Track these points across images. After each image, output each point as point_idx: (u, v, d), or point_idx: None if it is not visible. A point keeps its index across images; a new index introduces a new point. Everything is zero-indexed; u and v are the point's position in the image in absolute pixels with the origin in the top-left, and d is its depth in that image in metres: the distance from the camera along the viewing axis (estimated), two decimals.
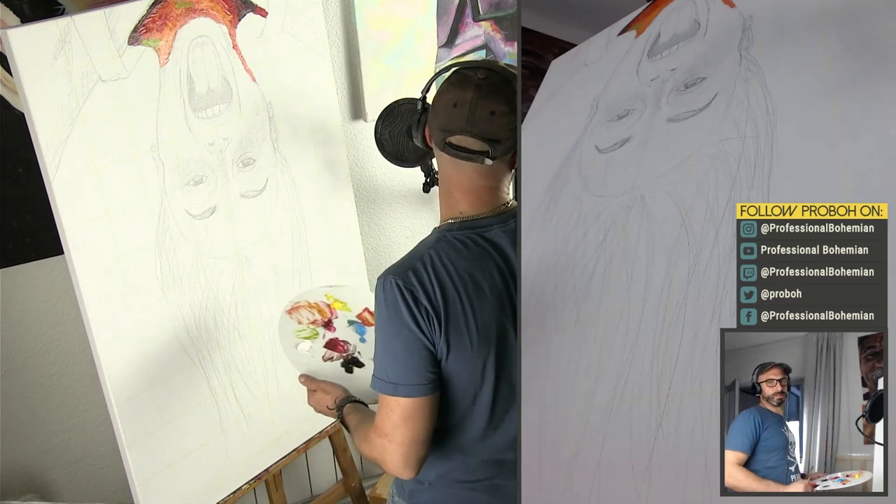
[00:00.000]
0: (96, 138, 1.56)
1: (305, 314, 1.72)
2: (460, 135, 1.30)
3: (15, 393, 1.95)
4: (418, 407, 1.29)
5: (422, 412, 1.30)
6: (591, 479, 1.03)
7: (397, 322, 1.29)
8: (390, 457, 1.31)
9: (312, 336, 1.71)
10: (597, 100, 1.46)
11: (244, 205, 1.84)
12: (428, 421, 1.31)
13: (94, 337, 1.59)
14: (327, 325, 1.72)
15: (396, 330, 1.29)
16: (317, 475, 2.44)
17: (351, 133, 2.25)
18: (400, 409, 1.29)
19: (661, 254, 1.09)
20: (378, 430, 1.32)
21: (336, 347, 1.71)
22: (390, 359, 1.30)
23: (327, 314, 1.72)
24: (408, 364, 1.29)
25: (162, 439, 1.73)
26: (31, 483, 2.04)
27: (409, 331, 1.28)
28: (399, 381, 1.29)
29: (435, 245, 1.33)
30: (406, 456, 1.30)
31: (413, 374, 1.29)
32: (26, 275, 1.88)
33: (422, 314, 1.28)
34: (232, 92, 1.78)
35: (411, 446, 1.30)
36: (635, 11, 1.52)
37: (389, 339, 1.30)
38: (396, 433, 1.30)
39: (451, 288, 1.30)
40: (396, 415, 1.29)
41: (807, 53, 1.08)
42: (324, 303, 1.73)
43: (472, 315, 1.31)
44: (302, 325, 1.71)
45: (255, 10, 1.81)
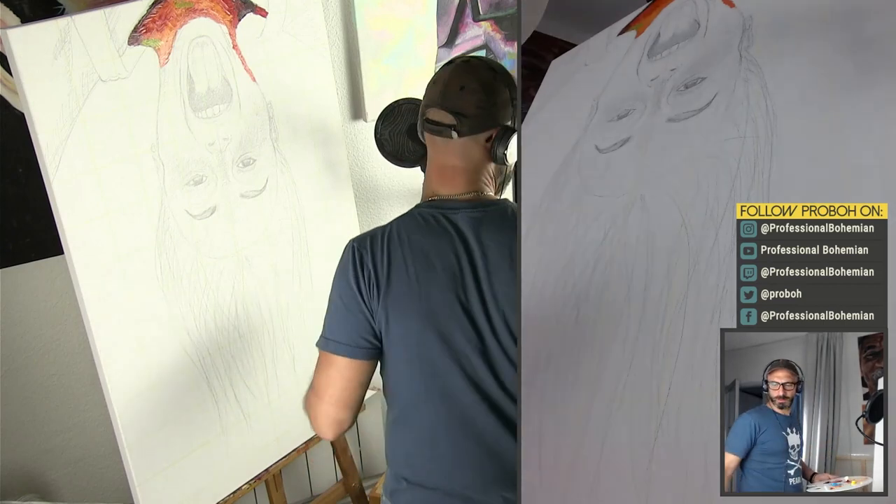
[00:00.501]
0: (96, 138, 1.56)
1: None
2: (433, 108, 1.38)
3: (15, 393, 1.95)
4: (346, 367, 1.33)
5: (349, 373, 1.33)
6: (591, 479, 1.03)
7: (342, 281, 1.34)
8: (315, 413, 1.36)
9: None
10: (597, 100, 1.46)
11: (244, 205, 1.84)
12: (355, 384, 1.34)
13: (94, 337, 1.59)
14: None
15: (340, 288, 1.35)
16: (317, 475, 2.44)
17: (351, 133, 2.25)
18: (328, 365, 1.34)
19: (661, 254, 1.09)
20: (312, 386, 1.38)
21: None
22: (331, 316, 1.36)
23: None
24: (343, 322, 1.34)
25: (162, 439, 1.73)
26: (31, 483, 2.04)
27: (349, 291, 1.33)
28: (331, 338, 1.34)
29: (400, 218, 1.40)
30: (327, 414, 1.34)
31: (345, 334, 1.33)
32: (26, 275, 1.88)
33: (364, 278, 1.32)
34: (232, 92, 1.78)
35: (334, 405, 1.34)
36: (635, 11, 1.52)
37: (334, 297, 1.36)
38: (323, 390, 1.34)
39: (399, 260, 1.33)
40: (325, 371, 1.34)
41: (807, 53, 1.08)
42: None
43: (419, 290, 1.32)
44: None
45: (255, 10, 1.81)
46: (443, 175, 1.40)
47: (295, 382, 2.00)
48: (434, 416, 1.36)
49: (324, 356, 1.35)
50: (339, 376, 1.34)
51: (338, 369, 1.33)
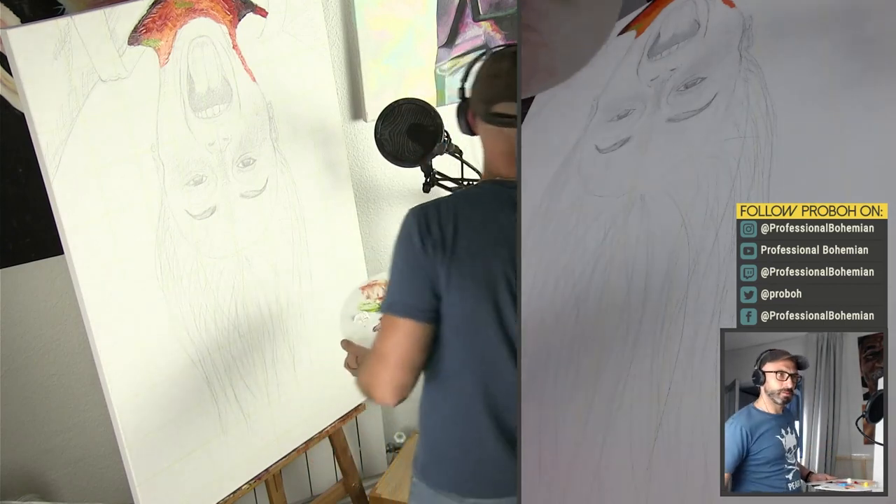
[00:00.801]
0: (96, 138, 1.56)
1: (378, 291, 1.85)
2: (501, 102, 1.39)
3: (15, 393, 1.95)
4: (413, 330, 1.34)
5: (415, 336, 1.34)
6: (591, 479, 1.03)
7: (407, 245, 1.36)
8: (377, 378, 1.36)
9: (374, 309, 1.83)
10: (597, 100, 1.46)
11: (244, 205, 1.84)
12: (419, 347, 1.35)
13: (94, 337, 1.59)
14: None
15: (405, 253, 1.36)
16: (317, 475, 2.44)
17: (351, 133, 2.25)
18: (393, 328, 1.35)
19: (661, 254, 1.09)
20: (373, 350, 1.38)
21: None
22: (395, 280, 1.37)
23: None
24: (409, 285, 1.35)
25: (162, 439, 1.73)
26: (31, 483, 2.04)
27: (414, 254, 1.35)
28: (396, 300, 1.35)
29: (464, 191, 1.44)
30: (392, 378, 1.35)
31: (412, 297, 1.34)
32: (26, 275, 1.88)
33: (429, 242, 1.34)
34: (232, 92, 1.78)
35: (400, 368, 1.34)
36: (635, 11, 1.52)
37: (398, 263, 1.37)
38: (387, 353, 1.35)
39: (464, 228, 1.35)
40: (390, 334, 1.35)
41: (807, 53, 1.08)
42: None
43: (480, 259, 1.35)
44: (369, 301, 1.82)
45: (255, 10, 1.81)
46: (508, 161, 1.44)
47: (295, 382, 2.00)
48: (473, 385, 1.38)
49: (389, 321, 1.36)
50: (405, 339, 1.35)
51: (404, 332, 1.34)
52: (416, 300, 1.35)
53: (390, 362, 1.35)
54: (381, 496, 2.27)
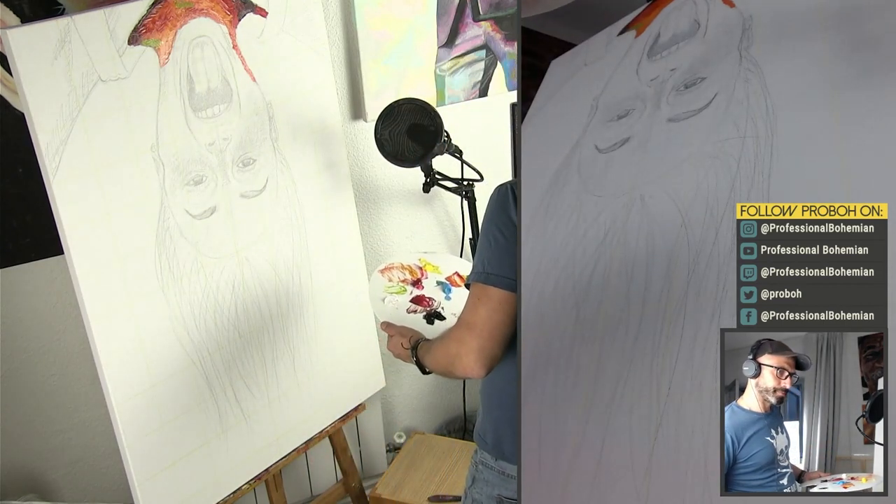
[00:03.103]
0: (96, 138, 1.56)
1: (397, 273, 1.86)
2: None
3: (15, 393, 1.95)
4: (504, 300, 1.34)
5: (506, 307, 1.34)
6: (591, 479, 1.03)
7: (503, 216, 1.37)
8: (466, 347, 1.34)
9: (400, 292, 1.84)
10: (597, 100, 1.46)
11: (244, 205, 1.84)
12: (509, 319, 1.34)
13: (94, 337, 1.59)
14: (416, 283, 1.84)
15: (502, 224, 1.37)
16: (317, 475, 2.44)
17: (351, 133, 2.25)
18: (486, 297, 1.34)
19: (661, 254, 1.09)
20: (461, 321, 1.37)
21: (421, 302, 1.82)
22: (490, 251, 1.37)
23: (417, 274, 1.86)
24: (505, 256, 1.35)
25: (162, 439, 1.73)
26: (31, 483, 2.04)
27: (511, 226, 1.35)
28: (491, 271, 1.35)
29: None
30: (482, 347, 1.33)
31: (506, 268, 1.34)
32: (26, 275, 1.88)
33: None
34: (232, 92, 1.78)
35: (489, 339, 1.33)
36: (635, 11, 1.52)
37: (493, 233, 1.37)
38: (478, 322, 1.34)
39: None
40: (482, 303, 1.34)
41: (807, 53, 1.08)
42: (416, 265, 1.87)
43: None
44: (392, 283, 1.83)
45: (255, 11, 1.81)
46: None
47: (295, 382, 2.00)
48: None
49: (482, 290, 1.35)
50: (500, 310, 1.34)
51: (499, 302, 1.34)
52: (511, 271, 1.34)
53: (484, 332, 1.34)
54: (381, 496, 2.27)
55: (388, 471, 2.37)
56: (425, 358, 1.48)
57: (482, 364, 1.34)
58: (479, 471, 1.51)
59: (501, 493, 1.48)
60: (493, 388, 1.45)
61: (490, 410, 1.47)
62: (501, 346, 1.35)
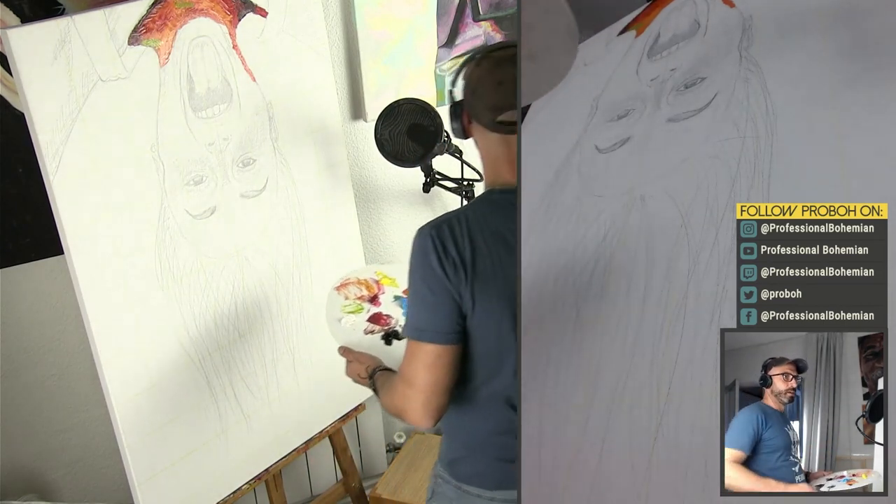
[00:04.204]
0: (96, 138, 1.56)
1: (353, 290, 1.80)
2: (509, 111, 1.35)
3: (15, 393, 1.95)
4: (440, 354, 1.33)
5: (443, 360, 1.34)
6: (591, 479, 1.03)
7: (427, 270, 1.34)
8: (411, 403, 1.35)
9: (357, 310, 1.78)
10: (597, 100, 1.46)
11: (244, 205, 1.84)
12: (449, 370, 1.35)
13: (94, 337, 1.59)
14: (373, 300, 1.78)
15: (425, 277, 1.34)
16: (317, 475, 2.44)
17: (351, 133, 2.25)
18: (423, 354, 1.34)
19: (661, 254, 1.09)
20: (402, 376, 1.37)
21: (378, 321, 1.76)
22: (418, 306, 1.36)
23: (374, 289, 1.80)
24: (434, 310, 1.34)
25: (162, 439, 1.73)
26: (31, 483, 2.04)
27: (437, 279, 1.33)
28: (424, 328, 1.34)
29: (474, 205, 1.40)
30: (426, 402, 1.34)
31: (438, 321, 1.33)
32: (26, 275, 1.88)
33: (450, 264, 1.32)
34: (232, 92, 1.78)
35: (432, 394, 1.34)
36: (635, 11, 1.52)
37: (419, 287, 1.36)
38: (418, 379, 1.34)
39: (481, 244, 1.34)
40: (419, 360, 1.34)
41: (807, 53, 1.08)
42: (373, 279, 1.81)
43: (501, 272, 1.35)
44: (349, 301, 1.78)
45: (255, 10, 1.81)
46: (512, 166, 1.41)
47: (295, 382, 2.00)
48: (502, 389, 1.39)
49: (418, 347, 1.34)
50: (437, 364, 1.34)
51: (436, 357, 1.33)
52: (443, 324, 1.34)
53: (423, 388, 1.34)
54: (381, 496, 2.27)
55: (388, 471, 2.37)
56: (380, 392, 1.48)
57: (428, 417, 1.36)
58: (438, 484, 1.52)
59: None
60: (448, 416, 1.46)
61: (448, 432, 1.49)
62: (445, 396, 1.36)
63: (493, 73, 1.36)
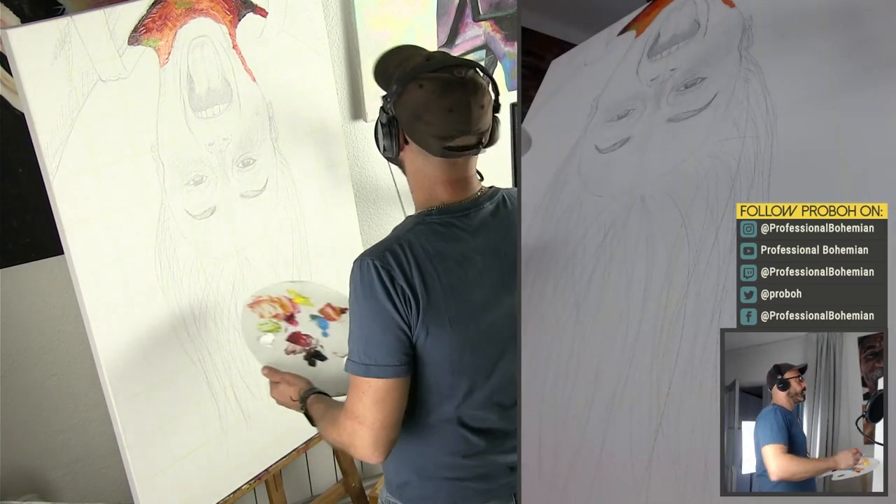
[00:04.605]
0: (96, 138, 1.56)
1: (267, 308, 1.70)
2: (462, 136, 1.32)
3: (15, 393, 1.95)
4: (390, 388, 1.30)
5: (394, 394, 1.30)
6: (591, 479, 1.03)
7: (373, 302, 1.29)
8: (360, 440, 1.31)
9: (274, 329, 1.69)
10: (597, 100, 1.46)
11: (244, 205, 1.84)
12: (399, 403, 1.31)
13: (94, 337, 1.59)
14: (289, 319, 1.70)
15: (372, 310, 1.29)
16: (317, 475, 2.44)
17: (351, 133, 2.25)
18: (372, 390, 1.29)
19: (661, 254, 1.09)
20: (349, 412, 1.32)
21: (298, 341, 1.69)
22: (364, 340, 1.30)
23: (289, 308, 1.71)
24: (382, 345, 1.29)
25: (162, 439, 1.73)
26: (31, 483, 2.04)
27: (385, 312, 1.28)
28: (372, 363, 1.29)
29: (413, 229, 1.35)
30: (376, 439, 1.31)
31: (387, 356, 1.29)
32: (26, 275, 1.88)
33: (398, 295, 1.28)
34: (232, 92, 1.78)
35: (382, 429, 1.30)
36: (635, 11, 1.52)
37: (365, 321, 1.30)
38: (367, 415, 1.30)
39: (430, 270, 1.30)
40: (368, 396, 1.30)
41: (807, 53, 1.08)
42: (286, 297, 1.72)
43: (451, 296, 1.32)
44: (264, 319, 1.69)
45: (255, 10, 1.81)
46: (455, 186, 1.38)
47: None
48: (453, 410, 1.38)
49: (365, 384, 1.29)
50: (386, 399, 1.29)
51: (385, 392, 1.29)
52: (392, 358, 1.29)
53: (373, 424, 1.30)
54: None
55: None
56: (319, 423, 1.44)
57: (379, 454, 1.32)
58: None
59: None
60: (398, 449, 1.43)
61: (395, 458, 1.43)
62: (396, 429, 1.32)
63: (441, 98, 1.28)
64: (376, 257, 1.30)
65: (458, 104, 1.29)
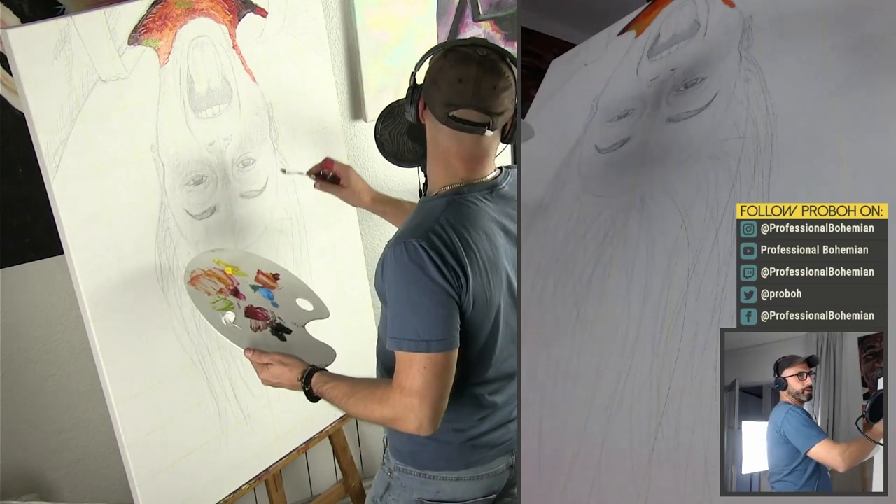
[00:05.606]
0: (96, 138, 1.56)
1: (207, 283, 1.64)
2: (465, 108, 1.35)
3: (15, 393, 1.95)
4: (450, 360, 1.34)
5: (451, 365, 1.34)
6: (591, 479, 1.04)
7: (427, 281, 1.33)
8: (418, 414, 1.33)
9: (228, 307, 1.63)
10: (597, 100, 1.46)
11: (244, 205, 1.83)
12: (453, 372, 1.35)
13: (94, 337, 1.59)
14: (235, 293, 1.65)
15: (426, 288, 1.33)
16: (317, 475, 2.44)
17: (351, 133, 2.25)
18: (432, 364, 1.32)
19: (661, 254, 1.09)
20: (406, 390, 1.34)
21: (257, 315, 1.64)
22: (420, 317, 1.34)
23: (228, 282, 1.66)
24: (438, 319, 1.33)
25: (162, 439, 1.73)
26: (31, 483, 2.03)
27: (440, 288, 1.32)
28: (432, 338, 1.33)
29: (447, 208, 1.39)
30: (437, 411, 1.33)
31: (444, 329, 1.33)
32: (26, 275, 1.88)
33: (450, 272, 1.32)
34: (232, 92, 1.78)
35: (441, 400, 1.33)
36: (635, 11, 1.52)
37: (419, 298, 1.34)
38: (429, 390, 1.32)
39: (472, 245, 1.35)
40: (430, 371, 1.32)
41: (807, 53, 1.08)
42: (217, 269, 1.67)
43: (489, 268, 1.37)
44: (212, 296, 1.63)
45: (255, 10, 1.81)
46: (469, 163, 1.42)
47: None
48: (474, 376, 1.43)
49: (426, 358, 1.32)
50: (448, 369, 1.34)
51: (445, 364, 1.33)
52: (450, 330, 1.34)
53: (434, 398, 1.33)
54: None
55: None
56: (344, 401, 1.44)
57: (436, 424, 1.34)
58: (395, 478, 1.53)
59: (421, 497, 1.50)
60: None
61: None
62: (447, 399, 1.35)
63: (456, 68, 1.35)
64: (422, 239, 1.34)
65: (467, 76, 1.34)
